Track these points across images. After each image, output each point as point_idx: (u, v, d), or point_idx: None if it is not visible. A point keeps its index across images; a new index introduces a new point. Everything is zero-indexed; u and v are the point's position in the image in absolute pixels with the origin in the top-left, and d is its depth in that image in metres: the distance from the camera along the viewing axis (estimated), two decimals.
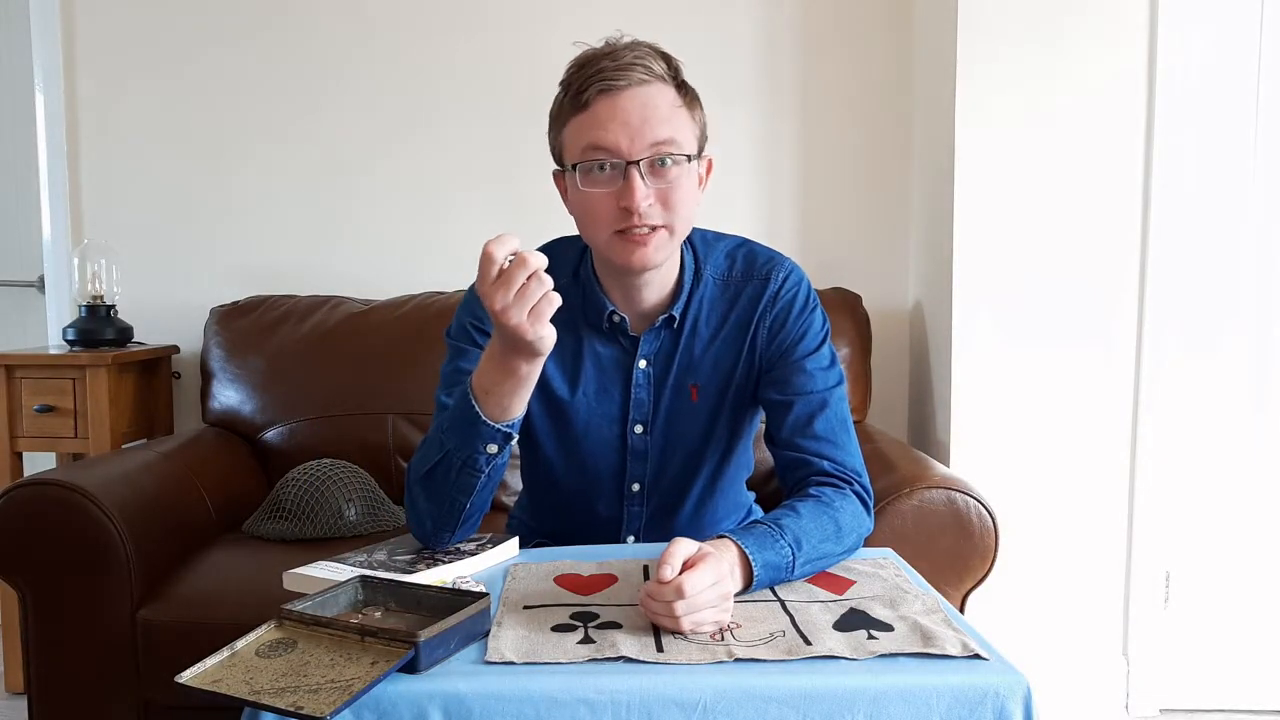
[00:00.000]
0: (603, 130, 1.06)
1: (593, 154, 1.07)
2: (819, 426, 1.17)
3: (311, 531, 1.80)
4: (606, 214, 1.09)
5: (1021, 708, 0.76)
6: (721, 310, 1.22)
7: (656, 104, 1.07)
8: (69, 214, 2.42)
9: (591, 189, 1.08)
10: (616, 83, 1.06)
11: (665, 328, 1.21)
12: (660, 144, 1.07)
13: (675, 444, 1.25)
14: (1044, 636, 2.10)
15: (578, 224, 1.16)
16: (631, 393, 1.23)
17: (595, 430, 1.24)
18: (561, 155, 1.13)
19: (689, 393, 1.23)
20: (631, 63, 1.06)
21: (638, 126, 1.06)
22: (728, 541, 0.97)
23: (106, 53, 2.40)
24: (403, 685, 0.74)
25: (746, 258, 1.24)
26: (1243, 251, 2.07)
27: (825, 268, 2.34)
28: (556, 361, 1.22)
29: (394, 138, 2.40)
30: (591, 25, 2.31)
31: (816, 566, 1.04)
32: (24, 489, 1.51)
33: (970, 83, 2.01)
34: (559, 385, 1.23)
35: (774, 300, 1.21)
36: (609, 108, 1.06)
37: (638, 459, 1.26)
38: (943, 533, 1.50)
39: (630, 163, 1.06)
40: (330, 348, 2.15)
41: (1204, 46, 2.02)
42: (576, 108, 1.08)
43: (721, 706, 0.75)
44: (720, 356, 1.22)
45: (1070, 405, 2.05)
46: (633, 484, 1.27)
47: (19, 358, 2.13)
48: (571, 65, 1.11)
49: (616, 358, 1.23)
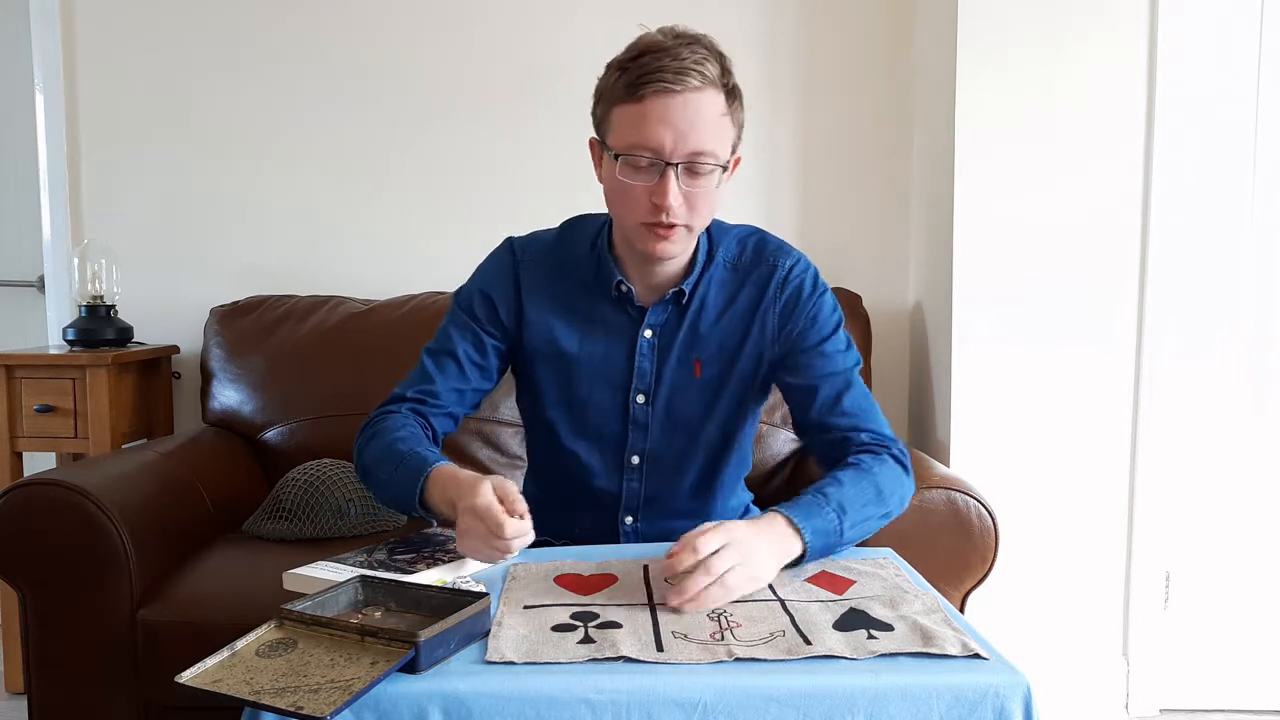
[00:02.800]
0: (652, 130, 1.11)
1: (638, 148, 1.12)
2: (847, 404, 1.23)
3: (311, 531, 1.80)
4: (639, 204, 1.15)
5: (1021, 708, 0.76)
6: (730, 291, 1.28)
7: (705, 113, 1.12)
8: (69, 214, 2.42)
9: (629, 179, 1.14)
10: (673, 86, 1.10)
11: (674, 302, 1.26)
12: (699, 153, 1.12)
13: (676, 418, 1.28)
14: (1044, 636, 2.10)
15: (608, 199, 1.21)
16: (635, 361, 1.26)
17: (598, 394, 1.28)
18: (604, 131, 1.18)
19: (692, 367, 1.27)
20: (690, 67, 1.10)
21: (684, 133, 1.11)
22: (775, 515, 1.03)
23: (106, 53, 2.40)
24: (403, 685, 0.74)
25: (756, 245, 1.31)
26: (1243, 252, 2.07)
27: (825, 268, 2.30)
28: (566, 321, 1.28)
29: (394, 138, 2.40)
30: (592, 24, 2.33)
31: (863, 531, 1.10)
32: (24, 489, 1.51)
33: (970, 83, 2.01)
34: (567, 343, 1.28)
35: (782, 286, 1.27)
36: (661, 108, 1.10)
37: (639, 429, 1.29)
38: (943, 533, 1.50)
39: (669, 164, 1.11)
40: (330, 348, 2.15)
41: (1204, 46, 2.02)
42: (630, 97, 1.12)
43: (721, 706, 0.75)
44: (726, 335, 1.27)
45: (1070, 405, 2.05)
46: (632, 456, 1.30)
47: (19, 358, 2.13)
48: (632, 49, 1.14)
49: (623, 325, 1.27)
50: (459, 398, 1.29)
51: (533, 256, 1.30)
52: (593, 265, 1.28)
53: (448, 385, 1.27)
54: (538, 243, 1.32)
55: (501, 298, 1.29)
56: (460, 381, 1.28)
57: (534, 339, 1.28)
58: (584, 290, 1.28)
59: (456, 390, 1.28)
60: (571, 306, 1.28)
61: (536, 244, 1.31)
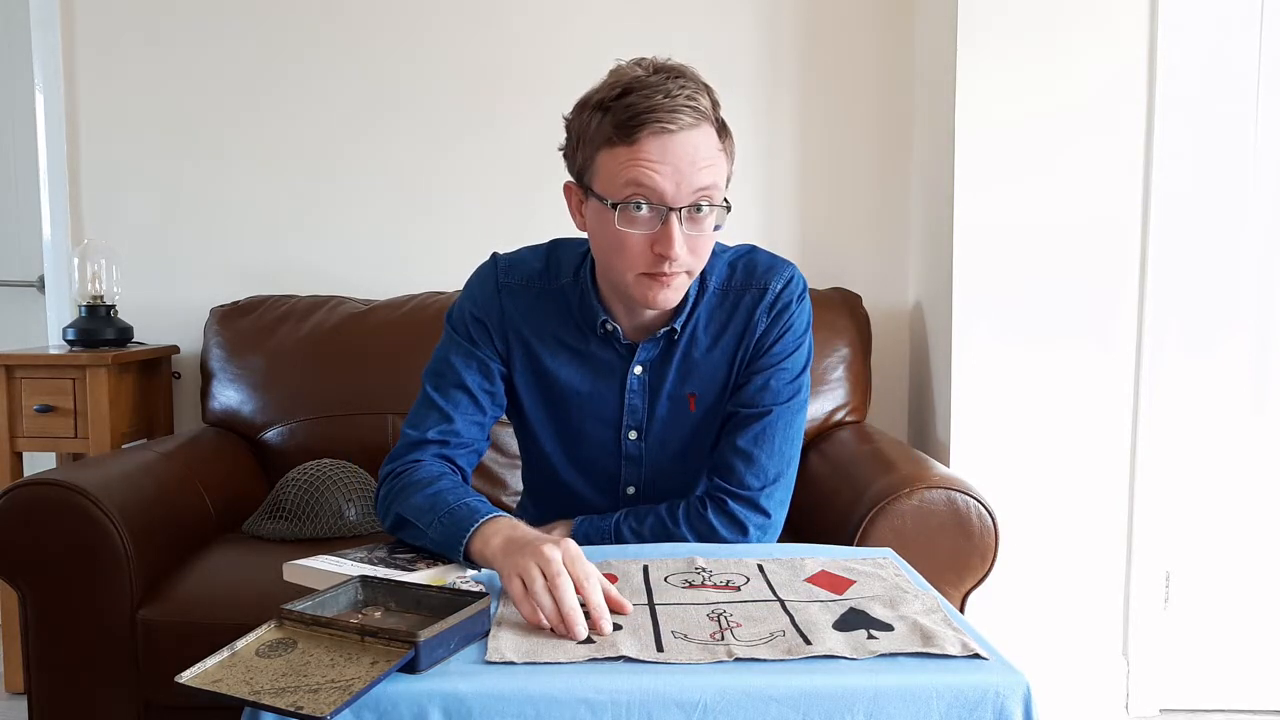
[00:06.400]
0: (652, 172, 1.04)
1: (635, 193, 1.05)
2: (742, 442, 1.21)
3: (311, 531, 1.80)
4: (638, 254, 1.08)
5: (1021, 708, 0.76)
6: (721, 320, 1.22)
7: (704, 150, 1.06)
8: (69, 214, 2.42)
9: (628, 229, 1.07)
10: (669, 125, 1.03)
11: (665, 338, 1.21)
12: (702, 190, 1.06)
13: (670, 451, 1.25)
14: (1044, 636, 2.10)
15: (598, 250, 1.14)
16: (625, 399, 1.23)
17: (590, 428, 1.25)
18: (589, 177, 1.11)
19: (687, 402, 1.23)
20: (685, 103, 1.04)
21: (686, 173, 1.05)
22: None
23: (106, 53, 2.40)
24: (403, 685, 0.74)
25: (747, 266, 1.24)
26: (1243, 252, 2.07)
27: (825, 268, 2.35)
28: (553, 353, 1.23)
29: (395, 139, 2.40)
30: (591, 22, 2.32)
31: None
32: (24, 489, 1.51)
33: (970, 82, 2.01)
34: (555, 375, 1.23)
35: (770, 308, 1.21)
36: (659, 149, 1.04)
37: (632, 463, 1.26)
38: (943, 533, 1.49)
39: (672, 210, 1.06)
40: (330, 348, 2.15)
41: (1204, 46, 2.02)
42: (622, 140, 1.05)
43: (721, 706, 0.75)
44: (719, 366, 1.22)
45: (1070, 405, 2.05)
46: (627, 487, 1.28)
47: (19, 358, 2.13)
48: (615, 88, 1.06)
49: (612, 361, 1.23)
50: (480, 430, 1.24)
51: (518, 281, 1.24)
52: (575, 298, 1.22)
53: (466, 420, 1.21)
54: (523, 268, 1.25)
55: (493, 322, 1.23)
56: (477, 414, 1.23)
57: (523, 368, 1.24)
58: (570, 323, 1.22)
59: (477, 424, 1.23)
60: (559, 339, 1.22)
61: (522, 269, 1.25)
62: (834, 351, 2.10)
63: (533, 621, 0.85)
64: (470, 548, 1.02)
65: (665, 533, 1.18)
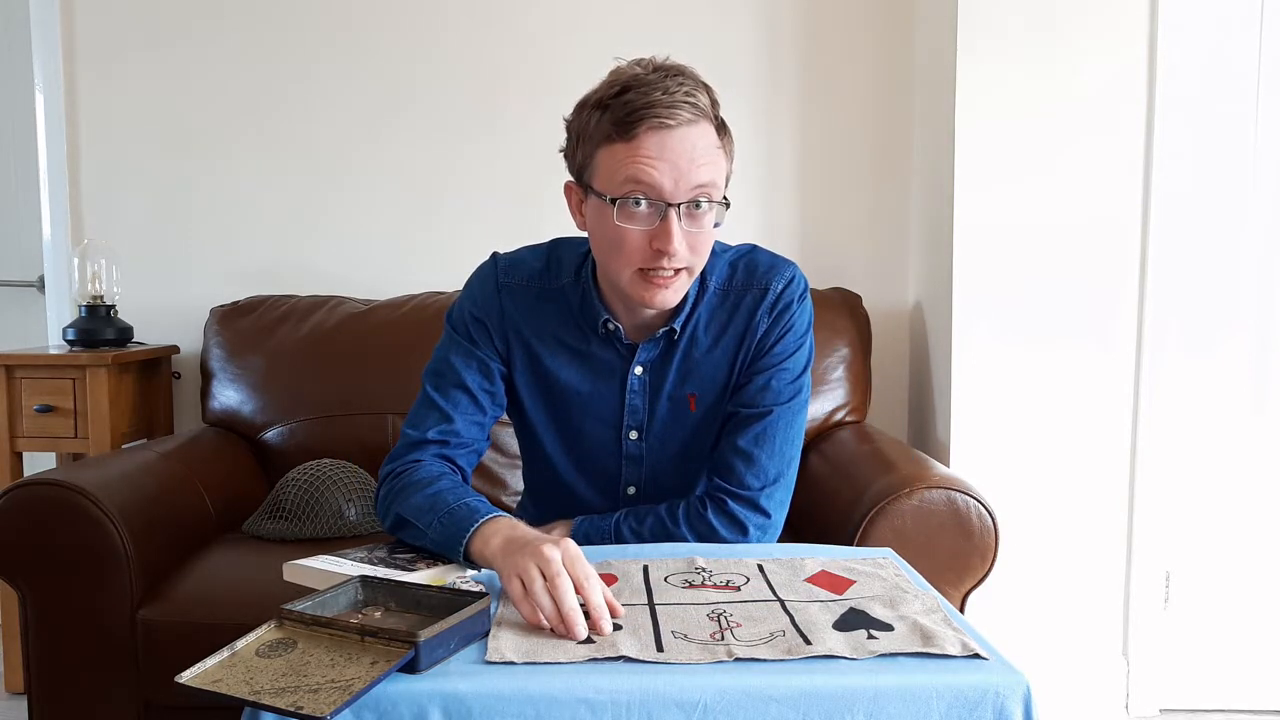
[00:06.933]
0: (650, 168, 1.05)
1: (634, 188, 1.06)
2: (743, 441, 1.21)
3: (311, 531, 1.80)
4: (636, 250, 1.09)
5: (1021, 708, 0.76)
6: (721, 320, 1.22)
7: (702, 146, 1.07)
8: (69, 214, 2.42)
9: (627, 224, 1.08)
10: (667, 121, 1.04)
11: (665, 338, 1.22)
12: (701, 187, 1.07)
13: (671, 452, 1.26)
14: (1044, 636, 2.10)
15: (597, 248, 1.15)
16: (626, 399, 1.23)
17: (591, 429, 1.25)
18: (588, 175, 1.11)
19: (687, 402, 1.23)
20: (683, 99, 1.05)
21: (685, 169, 1.05)
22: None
23: (106, 53, 2.40)
24: (403, 685, 0.74)
25: (748, 266, 1.24)
26: (1243, 252, 2.07)
27: (825, 268, 2.35)
28: (553, 353, 1.23)
29: (394, 139, 2.40)
30: (591, 21, 2.32)
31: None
32: (24, 489, 1.51)
33: (970, 82, 2.01)
34: (555, 376, 1.24)
35: (771, 309, 1.21)
36: (658, 145, 1.05)
37: (633, 464, 1.26)
38: (943, 533, 1.49)
39: (671, 205, 1.06)
40: (330, 348, 2.15)
41: (1204, 46, 2.02)
42: (621, 136, 1.06)
43: (721, 706, 0.75)
44: (719, 366, 1.22)
45: (1070, 405, 2.05)
46: (628, 487, 1.28)
47: (19, 358, 2.13)
48: (613, 86, 1.07)
49: (613, 361, 1.23)
50: (480, 430, 1.24)
51: (518, 281, 1.24)
52: (577, 298, 1.22)
53: (466, 420, 1.22)
54: (523, 268, 1.25)
55: (493, 322, 1.23)
56: (477, 414, 1.23)
57: (523, 368, 1.25)
58: (571, 324, 1.23)
59: (477, 424, 1.23)
60: (559, 339, 1.23)
61: (522, 269, 1.25)
62: (834, 351, 2.10)
63: (532, 622, 0.85)
64: (470, 548, 1.02)
65: (665, 533, 1.18)
